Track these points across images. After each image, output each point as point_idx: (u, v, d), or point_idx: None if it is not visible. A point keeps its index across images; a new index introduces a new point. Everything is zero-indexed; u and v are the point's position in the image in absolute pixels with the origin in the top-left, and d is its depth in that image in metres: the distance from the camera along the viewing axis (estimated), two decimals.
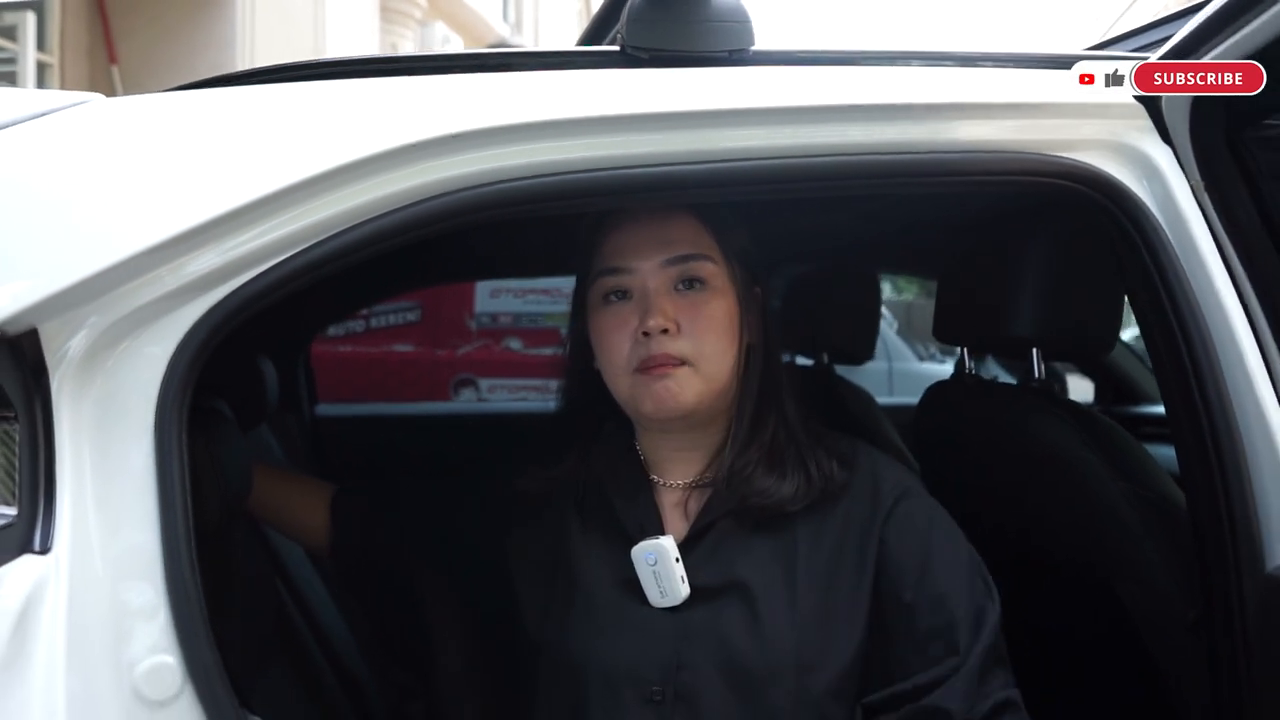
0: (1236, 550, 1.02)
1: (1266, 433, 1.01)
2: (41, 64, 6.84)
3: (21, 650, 0.76)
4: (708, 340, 1.12)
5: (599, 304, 1.16)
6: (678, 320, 1.11)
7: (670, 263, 1.13)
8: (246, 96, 0.99)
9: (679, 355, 1.10)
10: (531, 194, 0.99)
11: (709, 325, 1.12)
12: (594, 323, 1.17)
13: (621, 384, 1.14)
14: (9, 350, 0.81)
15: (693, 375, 1.11)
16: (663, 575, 1.11)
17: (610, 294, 1.15)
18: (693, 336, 1.11)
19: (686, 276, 1.13)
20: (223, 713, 0.85)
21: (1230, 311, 1.02)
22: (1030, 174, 1.11)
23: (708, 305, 1.13)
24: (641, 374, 1.11)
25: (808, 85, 1.10)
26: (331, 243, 0.93)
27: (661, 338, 1.10)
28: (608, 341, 1.14)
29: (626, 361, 1.12)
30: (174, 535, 0.86)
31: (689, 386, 1.11)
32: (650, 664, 1.10)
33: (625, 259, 1.14)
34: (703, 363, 1.11)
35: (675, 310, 1.11)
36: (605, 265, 1.15)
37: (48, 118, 0.93)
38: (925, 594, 1.08)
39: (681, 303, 1.12)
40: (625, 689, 1.10)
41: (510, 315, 5.33)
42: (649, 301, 1.12)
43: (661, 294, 1.12)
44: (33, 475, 0.82)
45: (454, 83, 1.02)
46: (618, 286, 1.14)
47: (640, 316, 1.11)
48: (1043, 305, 1.34)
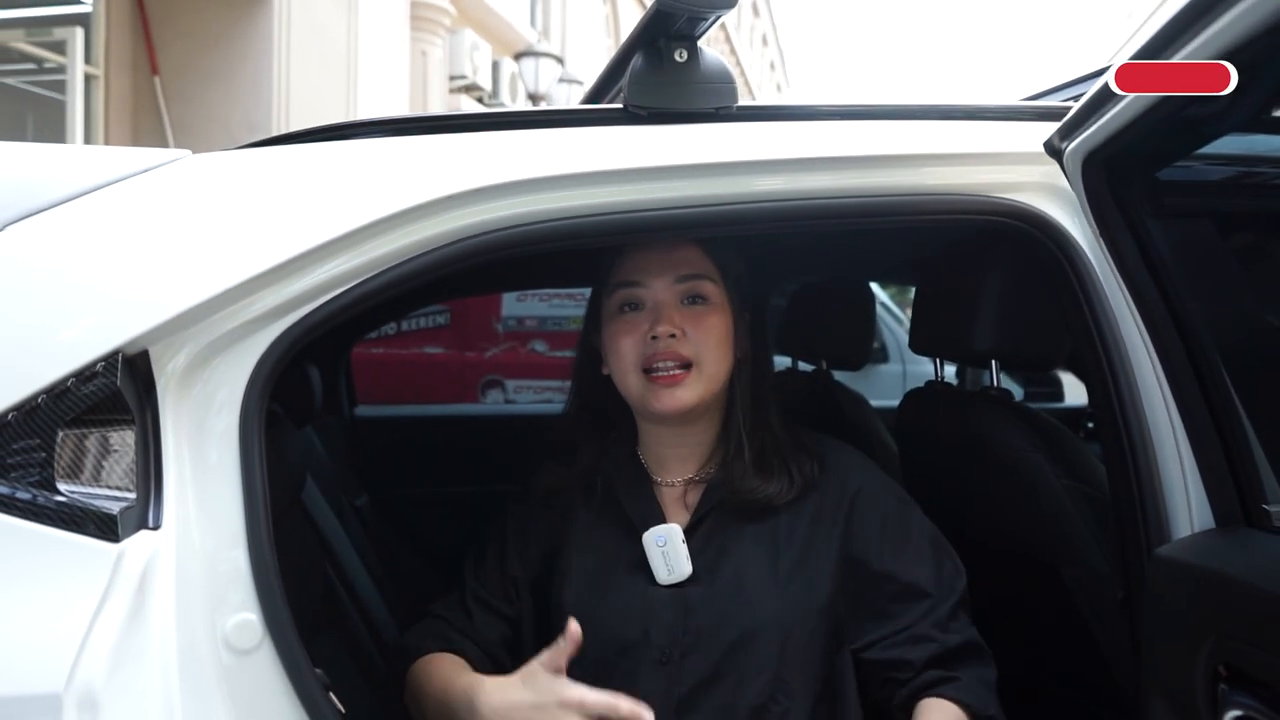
0: (1148, 535, 1.18)
1: (1167, 442, 1.18)
2: (88, 76, 7.08)
3: (142, 605, 0.96)
4: (708, 345, 1.33)
5: (614, 313, 1.37)
6: (683, 327, 1.32)
7: (678, 280, 1.34)
8: (307, 154, 1.18)
9: (684, 356, 1.31)
10: (547, 235, 1.19)
11: (709, 333, 1.33)
12: (609, 329, 1.37)
13: (632, 383, 1.34)
14: (128, 368, 1.01)
15: (696, 376, 1.32)
16: (671, 555, 1.32)
17: (625, 305, 1.36)
18: (696, 342, 1.32)
19: (691, 293, 1.34)
20: (294, 660, 1.05)
21: (1134, 334, 1.19)
22: (978, 213, 1.29)
23: (709, 318, 1.34)
24: (651, 380, 1.32)
25: (786, 139, 1.28)
26: (381, 278, 1.13)
27: (670, 341, 1.31)
28: (621, 345, 1.35)
29: (635, 361, 1.33)
30: (255, 515, 1.06)
31: (692, 387, 1.32)
32: (660, 631, 1.30)
33: (640, 275, 1.35)
34: (704, 364, 1.32)
35: (681, 320, 1.33)
36: (622, 280, 1.36)
37: (150, 173, 1.13)
38: (890, 562, 1.31)
39: (687, 314, 1.34)
40: (639, 653, 1.31)
41: (535, 319, 5.49)
42: (660, 312, 1.33)
43: (670, 306, 1.33)
44: (145, 468, 1.02)
45: (480, 140, 1.21)
46: (632, 299, 1.35)
47: (650, 323, 1.33)
48: (998, 324, 1.52)
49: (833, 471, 1.37)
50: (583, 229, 1.19)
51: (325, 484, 2.03)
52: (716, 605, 1.31)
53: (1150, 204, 1.07)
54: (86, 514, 0.95)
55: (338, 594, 1.71)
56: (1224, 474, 1.08)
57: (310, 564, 1.58)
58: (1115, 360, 1.21)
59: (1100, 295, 1.23)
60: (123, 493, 1.00)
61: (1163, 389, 1.17)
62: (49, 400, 0.97)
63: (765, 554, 1.33)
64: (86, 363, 0.98)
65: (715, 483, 1.37)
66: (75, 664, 0.89)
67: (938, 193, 1.29)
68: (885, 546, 1.33)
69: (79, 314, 1.01)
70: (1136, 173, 1.05)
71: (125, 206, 1.09)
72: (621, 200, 1.21)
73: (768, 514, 1.34)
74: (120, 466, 1.01)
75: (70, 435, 0.98)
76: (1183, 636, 1.02)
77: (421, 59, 10.65)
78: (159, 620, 0.97)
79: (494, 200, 1.16)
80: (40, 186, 1.09)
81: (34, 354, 0.98)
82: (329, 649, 1.50)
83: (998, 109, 1.35)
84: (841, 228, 1.38)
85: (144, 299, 1.03)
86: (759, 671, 1.29)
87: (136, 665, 0.93)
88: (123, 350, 1.01)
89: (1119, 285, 1.17)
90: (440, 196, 1.13)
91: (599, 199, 1.20)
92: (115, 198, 1.09)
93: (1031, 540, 1.52)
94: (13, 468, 0.95)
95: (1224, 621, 0.95)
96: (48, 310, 1.02)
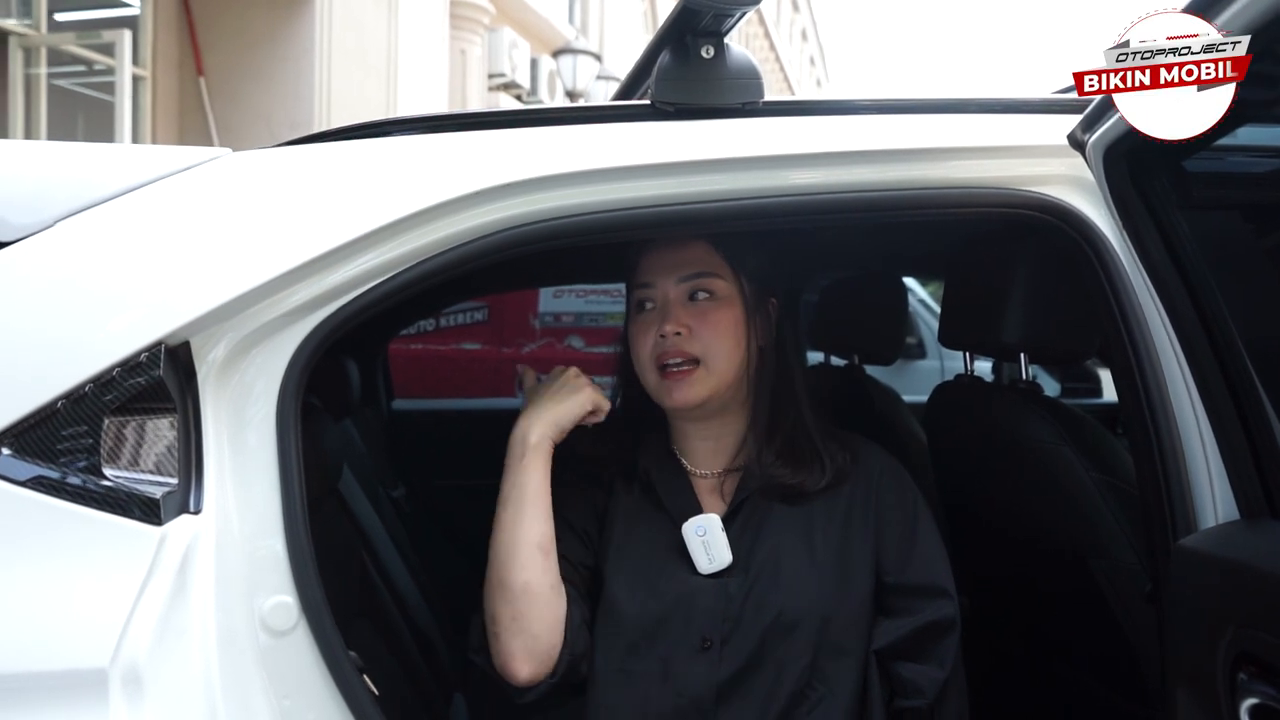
0: (1174, 528, 1.18)
1: (1193, 435, 1.18)
2: (136, 78, 7.22)
3: (184, 586, 0.99)
4: (714, 342, 1.36)
5: (634, 312, 1.42)
6: (689, 324, 1.36)
7: (683, 279, 1.37)
8: (343, 152, 1.22)
9: (690, 353, 1.35)
10: (575, 229, 1.21)
11: (715, 330, 1.36)
12: (631, 328, 1.42)
13: (649, 379, 1.39)
14: (170, 358, 1.05)
15: (704, 373, 1.35)
16: (711, 544, 1.35)
17: (641, 304, 1.40)
18: (702, 338, 1.35)
19: (696, 290, 1.37)
20: (329, 642, 1.09)
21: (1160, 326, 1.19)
22: (1004, 206, 1.29)
23: (715, 313, 1.37)
24: (664, 376, 1.36)
25: (812, 133, 1.29)
26: (413, 271, 1.16)
27: (676, 339, 1.35)
28: (637, 342, 1.40)
29: (650, 358, 1.37)
30: (291, 502, 1.10)
31: (701, 382, 1.35)
32: (701, 619, 1.33)
33: (650, 276, 1.39)
34: (711, 360, 1.35)
35: (687, 317, 1.36)
36: (637, 281, 1.41)
37: (191, 171, 1.17)
38: (909, 557, 1.36)
39: (693, 311, 1.37)
40: (681, 640, 1.33)
41: (572, 315, 5.52)
42: (667, 310, 1.37)
43: (677, 304, 1.37)
44: (186, 454, 1.06)
45: (510, 137, 1.23)
46: (645, 298, 1.40)
47: (659, 322, 1.36)
48: (1027, 317, 1.52)
49: (864, 464, 1.41)
50: (609, 223, 1.22)
51: (362, 475, 2.07)
52: (756, 592, 1.33)
53: (1177, 196, 1.07)
54: (131, 498, 0.99)
55: (373, 581, 1.75)
56: (1249, 466, 1.08)
57: (346, 551, 1.62)
58: (1141, 353, 1.21)
59: (1127, 288, 1.23)
60: (165, 478, 1.04)
61: (1187, 382, 1.17)
62: (95, 389, 1.00)
63: (801, 542, 1.35)
64: (131, 353, 1.02)
65: (749, 472, 1.39)
66: (120, 640, 0.93)
67: (963, 186, 1.29)
68: (901, 538, 1.37)
69: (124, 306, 1.05)
70: (1161, 164, 1.05)
71: (168, 203, 1.13)
72: (648, 195, 1.23)
73: (801, 501, 1.37)
74: (163, 453, 1.05)
75: (116, 422, 1.02)
76: (1204, 626, 1.02)
77: (461, 57, 10.74)
78: (199, 600, 1.01)
79: (521, 196, 1.18)
80: (89, 184, 1.13)
81: (82, 344, 1.02)
82: (365, 634, 1.53)
83: (1023, 102, 1.35)
84: (868, 222, 1.39)
85: (185, 292, 1.07)
86: (798, 657, 1.31)
87: (178, 643, 0.97)
88: (165, 341, 1.05)
89: (1143, 278, 1.17)
90: (469, 192, 1.16)
91: (625, 194, 1.22)
92: (159, 195, 1.13)
93: (1059, 533, 1.52)
94: (62, 453, 0.99)
95: (1243, 611, 0.96)
96: (94, 303, 1.06)
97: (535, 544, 1.28)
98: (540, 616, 1.27)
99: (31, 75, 6.86)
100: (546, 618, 1.28)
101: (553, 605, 1.28)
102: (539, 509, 1.30)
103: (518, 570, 1.27)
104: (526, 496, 1.29)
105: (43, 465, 0.98)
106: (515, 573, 1.27)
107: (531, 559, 1.28)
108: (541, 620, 1.27)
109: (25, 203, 1.11)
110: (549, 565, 1.29)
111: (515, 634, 1.27)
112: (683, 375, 1.35)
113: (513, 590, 1.27)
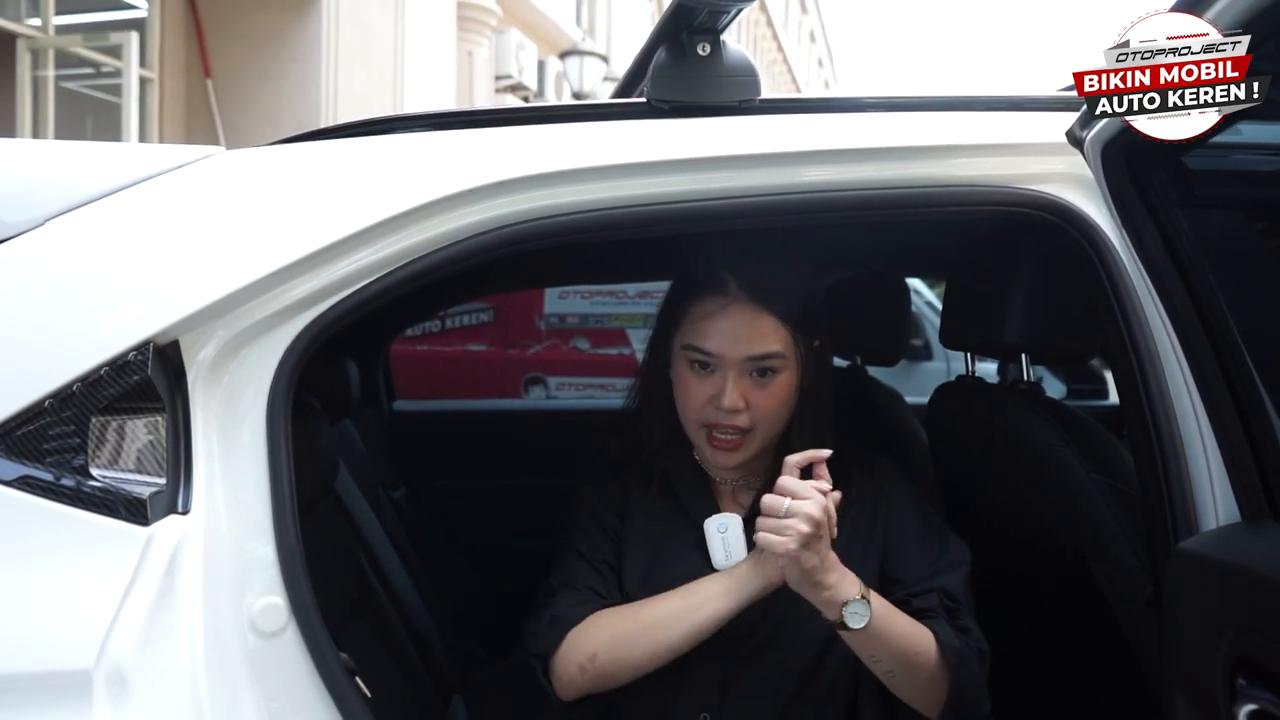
0: (1175, 530, 1.16)
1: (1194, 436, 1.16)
2: (144, 79, 7.25)
3: (171, 587, 0.99)
4: (770, 411, 1.35)
5: (684, 362, 1.37)
6: (748, 398, 1.33)
7: (752, 359, 1.33)
8: (335, 150, 1.21)
9: (744, 427, 1.34)
10: (569, 228, 1.20)
11: (772, 401, 1.35)
12: (677, 370, 1.39)
13: (691, 430, 1.39)
14: (159, 357, 1.04)
15: (752, 439, 1.35)
16: (730, 541, 1.36)
17: (695, 363, 1.36)
18: (758, 411, 1.34)
19: (760, 369, 1.34)
20: (319, 644, 1.08)
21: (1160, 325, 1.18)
22: (1004, 204, 1.28)
23: (774, 385, 1.34)
24: (711, 441, 1.36)
25: (810, 131, 1.28)
26: (404, 270, 1.15)
27: (732, 414, 1.33)
28: (685, 396, 1.37)
29: (698, 417, 1.36)
30: (281, 502, 1.09)
31: (748, 449, 1.36)
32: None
33: (714, 346, 1.34)
34: (761, 429, 1.35)
35: (747, 390, 1.33)
36: (696, 345, 1.35)
37: (182, 169, 1.16)
38: (918, 558, 1.38)
39: (753, 385, 1.34)
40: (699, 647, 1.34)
41: (578, 316, 5.52)
42: (727, 385, 1.33)
43: (739, 377, 1.33)
44: (175, 454, 1.05)
45: (504, 135, 1.23)
46: (703, 361, 1.35)
47: (716, 391, 1.33)
48: (1028, 316, 1.51)
49: (873, 474, 1.42)
50: (603, 221, 1.21)
51: (361, 476, 2.07)
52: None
53: (1176, 193, 1.05)
54: (118, 498, 0.99)
55: (370, 583, 1.74)
56: (1249, 466, 1.06)
57: (342, 552, 1.61)
58: (1142, 353, 1.20)
59: (1128, 287, 1.21)
60: (153, 478, 1.03)
61: (1188, 381, 1.15)
62: (84, 388, 1.00)
63: None
64: (120, 352, 1.01)
65: (769, 480, 1.38)
66: (105, 641, 0.92)
67: (962, 184, 1.28)
68: (910, 540, 1.39)
69: (112, 305, 1.05)
70: (1159, 161, 1.04)
71: (159, 202, 1.12)
72: (643, 193, 1.22)
73: None
74: (151, 453, 1.04)
75: (104, 422, 1.02)
76: (1203, 630, 1.01)
77: (468, 59, 10.75)
78: (187, 601, 1.00)
79: (514, 194, 1.17)
80: (80, 183, 1.13)
81: (71, 343, 1.02)
82: (362, 635, 1.53)
83: (1022, 99, 1.34)
84: (866, 221, 1.37)
85: (174, 291, 1.06)
86: (801, 656, 1.35)
87: (164, 644, 0.96)
88: (154, 340, 1.04)
89: (1143, 276, 1.16)
90: (462, 190, 1.15)
91: (620, 192, 1.21)
92: (150, 193, 1.12)
93: (1060, 534, 1.50)
94: (49, 452, 0.98)
95: (1243, 615, 0.94)
96: (84, 301, 1.05)
97: (688, 645, 1.31)
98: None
99: (39, 77, 6.88)
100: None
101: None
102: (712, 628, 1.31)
103: (669, 653, 1.30)
104: (719, 618, 1.30)
105: (29, 465, 0.97)
106: (667, 653, 1.30)
107: (678, 651, 1.31)
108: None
109: (15, 201, 1.10)
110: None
111: (606, 680, 1.32)
112: (731, 444, 1.35)
113: (651, 662, 1.31)
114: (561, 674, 1.34)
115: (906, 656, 1.29)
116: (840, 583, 1.24)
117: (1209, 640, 0.97)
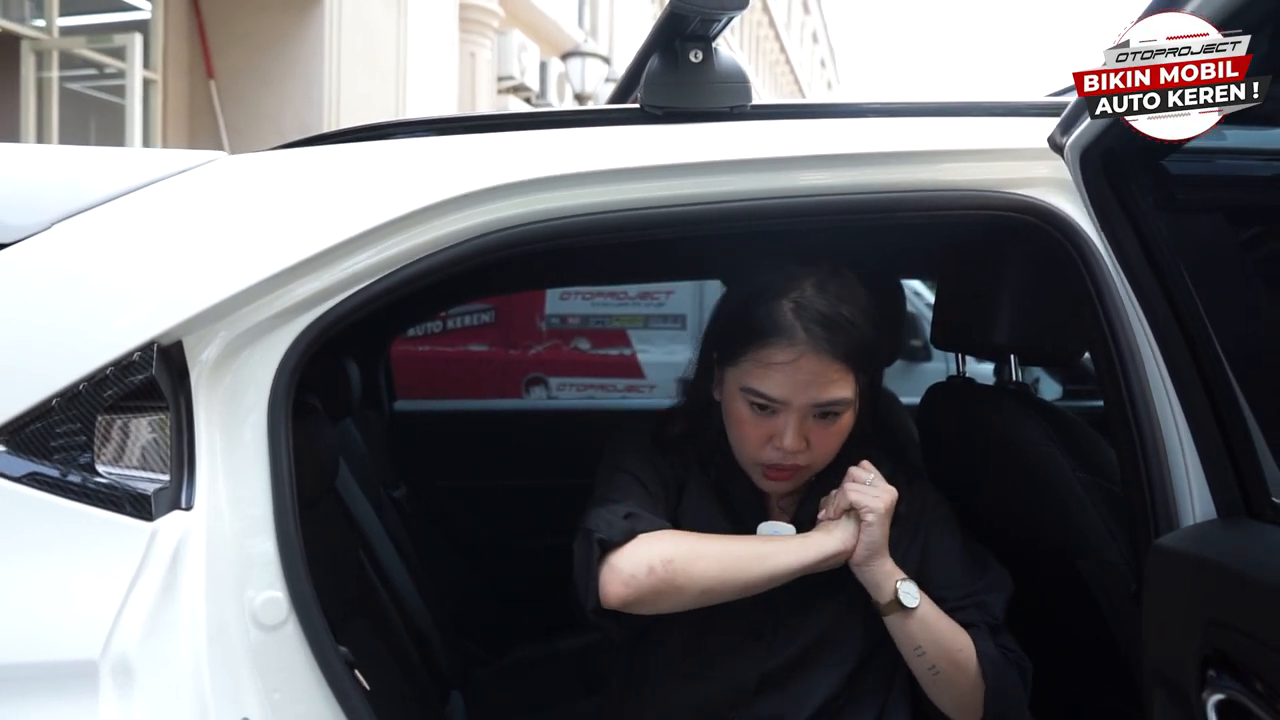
0: (1156, 528, 1.19)
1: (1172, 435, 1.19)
2: (147, 81, 7.28)
3: (174, 582, 1.01)
4: (828, 449, 1.37)
5: (742, 402, 1.35)
6: (808, 438, 1.34)
7: (817, 405, 1.32)
8: (335, 155, 1.24)
9: (802, 466, 1.36)
10: (563, 231, 1.23)
11: (834, 441, 1.37)
12: (733, 408, 1.37)
13: (744, 460, 1.39)
14: (163, 358, 1.07)
15: (806, 470, 1.38)
16: None
17: (755, 405, 1.34)
18: (817, 450, 1.35)
19: (823, 412, 1.34)
20: (318, 636, 1.11)
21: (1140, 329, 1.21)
22: (989, 208, 1.31)
23: (836, 425, 1.35)
24: (767, 473, 1.37)
25: (799, 137, 1.31)
26: (404, 272, 1.18)
27: (791, 455, 1.33)
28: (741, 431, 1.36)
29: (754, 453, 1.36)
30: (282, 499, 1.12)
31: (801, 478, 1.39)
32: (759, 609, 1.36)
33: (781, 394, 1.31)
34: (817, 464, 1.38)
35: (808, 431, 1.33)
36: (760, 390, 1.32)
37: (186, 174, 1.19)
38: (961, 576, 1.43)
39: (814, 426, 1.34)
40: (737, 627, 1.39)
41: (579, 317, 5.55)
42: (790, 428, 1.32)
43: (802, 420, 1.33)
44: (178, 452, 1.08)
45: (500, 140, 1.25)
46: (764, 404, 1.33)
47: (776, 432, 1.33)
48: (1015, 318, 1.53)
49: (910, 489, 1.43)
50: (596, 226, 1.23)
51: (362, 475, 2.10)
52: (809, 598, 1.38)
53: (1154, 198, 1.08)
54: (123, 494, 1.02)
55: (370, 580, 1.77)
56: (1225, 467, 1.09)
57: (342, 550, 1.64)
58: (1124, 354, 1.22)
59: (1110, 289, 1.24)
60: (157, 475, 1.06)
61: (1167, 384, 1.18)
62: (90, 387, 1.03)
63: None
64: (124, 352, 1.05)
65: (816, 490, 1.43)
66: (111, 633, 0.95)
67: (947, 189, 1.30)
68: (948, 553, 1.43)
69: (117, 306, 1.08)
70: (1138, 165, 1.06)
71: (164, 205, 1.15)
72: (637, 198, 1.25)
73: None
74: (155, 450, 1.07)
75: (109, 420, 1.04)
76: (1179, 624, 1.03)
77: (470, 60, 10.78)
78: (190, 595, 1.03)
79: (509, 199, 1.20)
80: (86, 187, 1.16)
81: (77, 343, 1.05)
82: (361, 631, 1.55)
83: (1009, 104, 1.36)
84: (856, 224, 1.40)
85: (178, 292, 1.09)
86: (838, 665, 1.39)
87: (168, 637, 0.99)
88: (158, 341, 1.07)
89: (1121, 278, 1.19)
90: (458, 195, 1.18)
91: (614, 197, 1.24)
92: (154, 197, 1.15)
93: (1047, 533, 1.53)
94: (56, 450, 1.01)
95: (1214, 608, 0.97)
96: (90, 303, 1.08)
97: (755, 588, 1.31)
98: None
99: (43, 78, 6.92)
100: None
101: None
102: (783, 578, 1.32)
103: (737, 589, 1.30)
104: (791, 571, 1.31)
105: (37, 461, 1.00)
106: (736, 588, 1.30)
107: (744, 590, 1.31)
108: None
109: (23, 205, 1.13)
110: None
111: (667, 592, 1.27)
112: (785, 477, 1.37)
113: (719, 590, 1.29)
114: (622, 569, 1.26)
115: (950, 653, 1.32)
116: (894, 567, 1.33)
117: (1184, 633, 1.00)
